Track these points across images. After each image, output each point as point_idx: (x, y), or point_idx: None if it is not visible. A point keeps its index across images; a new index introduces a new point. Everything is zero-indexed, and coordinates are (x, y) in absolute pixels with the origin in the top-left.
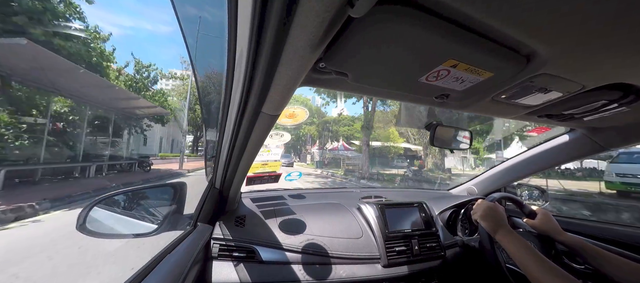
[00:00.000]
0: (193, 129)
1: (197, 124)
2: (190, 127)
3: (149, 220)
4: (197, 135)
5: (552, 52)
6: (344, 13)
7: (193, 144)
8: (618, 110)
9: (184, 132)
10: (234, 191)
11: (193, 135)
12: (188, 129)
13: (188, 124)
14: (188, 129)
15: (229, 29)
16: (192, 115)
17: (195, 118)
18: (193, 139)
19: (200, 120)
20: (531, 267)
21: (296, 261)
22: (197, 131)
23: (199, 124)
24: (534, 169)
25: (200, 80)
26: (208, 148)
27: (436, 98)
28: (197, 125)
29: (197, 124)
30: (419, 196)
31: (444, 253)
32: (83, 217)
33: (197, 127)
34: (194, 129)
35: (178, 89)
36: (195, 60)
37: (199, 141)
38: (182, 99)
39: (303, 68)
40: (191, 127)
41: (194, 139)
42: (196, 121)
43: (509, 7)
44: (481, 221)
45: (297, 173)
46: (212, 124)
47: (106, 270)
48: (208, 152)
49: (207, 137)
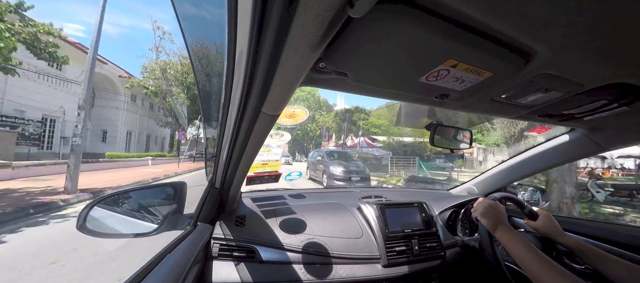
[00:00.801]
0: (172, 120)
1: (175, 114)
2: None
3: (149, 219)
4: (177, 128)
5: (552, 52)
6: (344, 13)
7: (171, 140)
8: (618, 110)
9: (183, 122)
10: (234, 191)
11: (170, 127)
12: (168, 122)
13: (168, 114)
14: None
15: (229, 29)
16: (170, 101)
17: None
18: (170, 133)
19: (200, 119)
20: (531, 264)
21: (296, 261)
22: (178, 123)
23: (175, 114)
24: (534, 169)
25: (200, 80)
26: (205, 147)
27: (436, 98)
28: (176, 114)
29: (174, 115)
30: (419, 196)
31: (444, 253)
32: (83, 217)
33: (175, 116)
34: (174, 120)
35: (154, 73)
36: (195, 60)
37: (182, 138)
38: (169, 83)
39: (303, 68)
40: (169, 118)
41: (170, 135)
42: (172, 111)
43: (509, 6)
44: (481, 218)
45: (297, 173)
46: (212, 124)
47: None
48: (207, 152)
49: (207, 136)
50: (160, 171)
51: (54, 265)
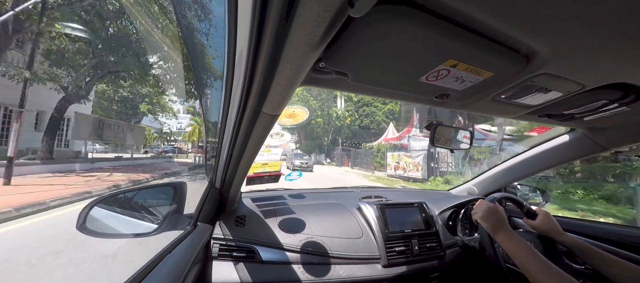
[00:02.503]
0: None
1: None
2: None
3: (149, 219)
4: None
5: (552, 52)
6: (344, 13)
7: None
8: (618, 110)
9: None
10: (234, 191)
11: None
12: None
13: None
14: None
15: (229, 29)
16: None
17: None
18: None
19: (201, 121)
20: (531, 268)
21: (296, 261)
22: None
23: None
24: (534, 169)
25: (201, 80)
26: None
27: (436, 98)
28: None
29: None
30: (419, 196)
31: (444, 253)
32: (83, 216)
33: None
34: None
35: None
36: (195, 60)
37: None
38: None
39: (303, 68)
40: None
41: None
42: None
43: (509, 7)
44: (481, 221)
45: (297, 173)
46: (212, 123)
47: None
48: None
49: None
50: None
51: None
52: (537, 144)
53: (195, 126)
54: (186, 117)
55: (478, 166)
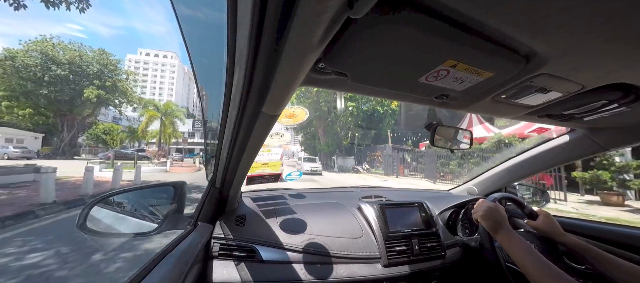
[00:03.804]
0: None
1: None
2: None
3: (149, 219)
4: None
5: (552, 52)
6: (343, 14)
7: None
8: (618, 110)
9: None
10: (234, 191)
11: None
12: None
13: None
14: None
15: (228, 29)
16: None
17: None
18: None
19: (199, 121)
20: (531, 269)
21: (297, 260)
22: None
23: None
24: (534, 169)
25: (200, 80)
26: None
27: (436, 98)
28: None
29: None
30: (419, 196)
31: (444, 253)
32: (84, 216)
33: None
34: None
35: None
36: (195, 60)
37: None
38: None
39: (303, 68)
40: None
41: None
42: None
43: (508, 7)
44: (482, 221)
45: (297, 173)
46: (212, 123)
47: None
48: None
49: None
50: None
51: None
52: (537, 144)
53: (155, 114)
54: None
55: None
